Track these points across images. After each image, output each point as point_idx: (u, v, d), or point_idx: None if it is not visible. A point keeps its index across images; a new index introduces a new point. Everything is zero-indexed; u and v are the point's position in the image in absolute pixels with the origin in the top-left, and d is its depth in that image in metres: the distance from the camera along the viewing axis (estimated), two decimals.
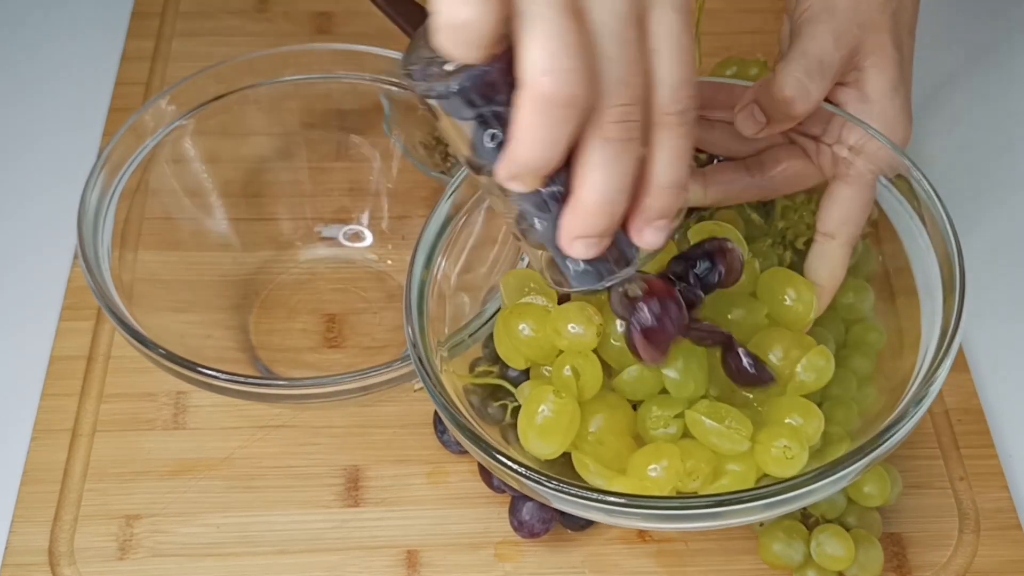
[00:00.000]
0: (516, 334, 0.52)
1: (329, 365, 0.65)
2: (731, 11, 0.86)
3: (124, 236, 0.60)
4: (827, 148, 0.56)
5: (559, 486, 0.46)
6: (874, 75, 0.56)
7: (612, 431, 0.51)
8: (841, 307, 0.61)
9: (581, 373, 0.51)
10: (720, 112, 0.58)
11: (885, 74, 0.56)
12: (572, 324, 0.50)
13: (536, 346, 0.52)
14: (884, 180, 0.56)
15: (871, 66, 0.56)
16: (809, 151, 0.58)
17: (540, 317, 0.52)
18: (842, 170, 0.56)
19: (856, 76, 0.56)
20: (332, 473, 0.62)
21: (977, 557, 0.60)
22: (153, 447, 0.62)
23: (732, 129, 0.57)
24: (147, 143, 0.61)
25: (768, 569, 0.59)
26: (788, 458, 0.50)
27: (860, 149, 0.55)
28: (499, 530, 0.59)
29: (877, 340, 0.61)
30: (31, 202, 0.74)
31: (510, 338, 0.53)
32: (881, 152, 0.55)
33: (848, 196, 0.56)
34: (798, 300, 0.55)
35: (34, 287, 0.69)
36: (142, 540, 0.59)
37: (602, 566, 0.59)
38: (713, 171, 0.58)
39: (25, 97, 0.80)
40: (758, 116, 0.54)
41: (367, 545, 0.59)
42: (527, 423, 0.50)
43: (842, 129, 0.56)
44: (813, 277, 0.56)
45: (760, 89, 0.54)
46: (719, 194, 0.58)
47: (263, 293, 0.68)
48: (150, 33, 0.82)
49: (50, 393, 0.64)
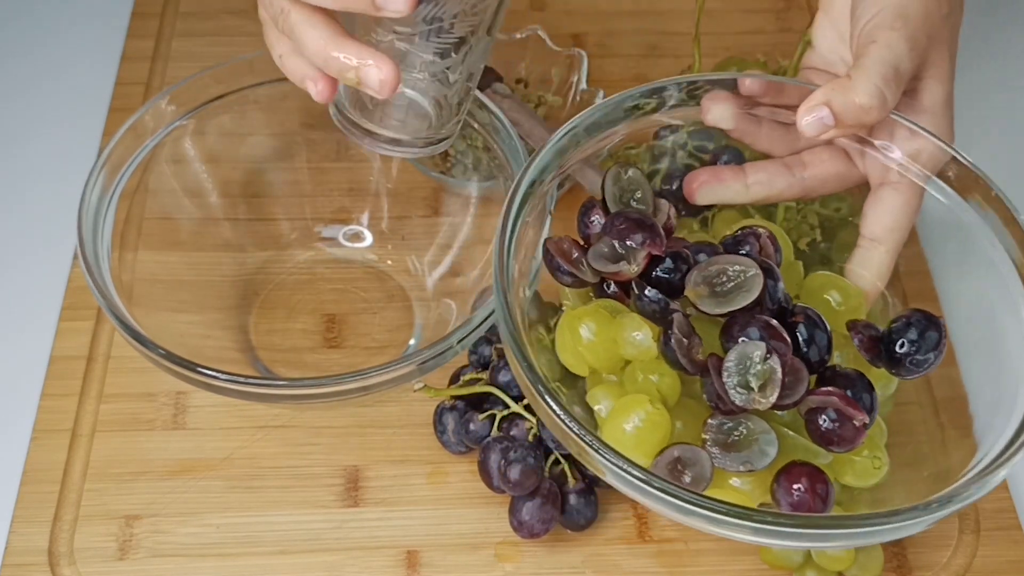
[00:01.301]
0: (580, 339, 0.52)
1: (329, 365, 0.65)
2: (731, 11, 0.86)
3: (124, 236, 0.60)
4: (876, 153, 0.57)
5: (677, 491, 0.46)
6: (932, 86, 0.56)
7: (695, 440, 0.51)
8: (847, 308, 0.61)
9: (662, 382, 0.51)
10: (765, 109, 0.58)
11: (943, 87, 0.56)
12: (635, 332, 0.51)
13: (598, 352, 0.52)
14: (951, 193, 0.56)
15: (930, 77, 0.56)
16: (851, 154, 0.58)
17: (605, 322, 0.52)
18: (892, 177, 0.56)
19: (913, 85, 0.56)
20: (332, 473, 0.62)
21: (977, 557, 0.60)
22: (153, 447, 0.62)
23: (777, 127, 0.57)
24: (147, 143, 0.61)
25: (768, 569, 0.59)
26: (876, 468, 0.51)
27: (916, 157, 0.56)
28: (499, 530, 0.59)
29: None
30: (31, 202, 0.74)
31: (575, 343, 0.52)
32: (937, 160, 0.56)
33: (899, 203, 0.56)
34: (844, 303, 0.55)
35: (34, 287, 0.69)
36: (142, 540, 0.59)
37: (602, 566, 0.59)
38: (753, 169, 0.58)
39: (25, 97, 0.80)
40: (827, 120, 0.53)
41: (367, 545, 0.59)
42: (616, 431, 0.50)
43: (892, 135, 0.56)
44: (857, 282, 0.57)
45: (832, 92, 0.53)
46: (760, 192, 0.58)
47: (263, 293, 0.68)
48: (150, 33, 0.82)
49: (50, 393, 0.64)
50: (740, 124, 0.59)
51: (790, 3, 0.87)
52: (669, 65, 0.81)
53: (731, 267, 0.52)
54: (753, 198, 0.58)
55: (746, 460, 0.49)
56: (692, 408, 0.52)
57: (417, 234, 0.68)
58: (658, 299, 0.51)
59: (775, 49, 0.77)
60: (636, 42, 0.84)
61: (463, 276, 0.66)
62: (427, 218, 0.69)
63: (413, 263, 0.68)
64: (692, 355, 0.50)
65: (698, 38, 0.68)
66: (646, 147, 0.72)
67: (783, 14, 0.86)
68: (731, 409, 0.49)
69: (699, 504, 0.45)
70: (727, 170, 0.58)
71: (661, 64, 0.82)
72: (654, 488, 0.46)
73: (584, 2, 0.86)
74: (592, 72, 0.78)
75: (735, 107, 0.58)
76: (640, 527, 0.60)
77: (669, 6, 0.86)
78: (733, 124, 0.58)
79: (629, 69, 0.82)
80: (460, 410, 0.61)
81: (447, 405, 0.61)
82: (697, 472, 0.49)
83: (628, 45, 0.83)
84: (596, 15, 0.85)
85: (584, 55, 0.75)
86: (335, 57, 0.49)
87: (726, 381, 0.49)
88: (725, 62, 0.76)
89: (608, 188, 0.56)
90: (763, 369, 0.48)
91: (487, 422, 0.59)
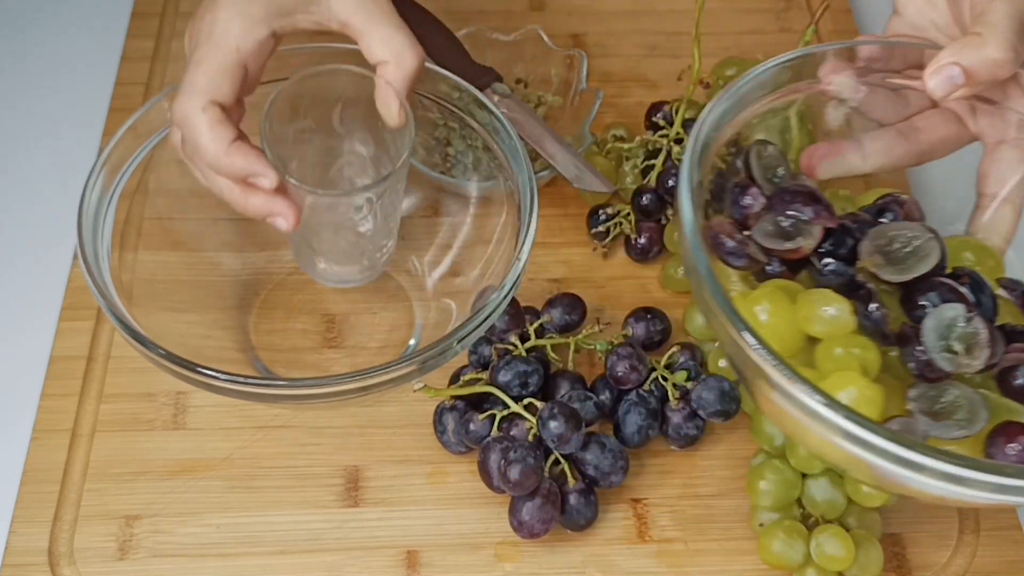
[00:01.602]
0: (758, 323, 0.51)
1: (329, 365, 0.65)
2: (731, 11, 0.86)
3: (124, 236, 0.60)
4: (988, 111, 0.57)
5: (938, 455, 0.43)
6: None
7: (898, 412, 0.50)
8: None
9: (864, 355, 0.50)
10: (877, 76, 0.59)
11: None
12: (827, 307, 0.50)
13: (779, 333, 0.51)
14: None
15: None
16: (962, 115, 0.58)
17: (782, 302, 0.51)
18: (1010, 134, 0.57)
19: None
20: (332, 473, 0.62)
21: (977, 557, 0.60)
22: (153, 447, 0.62)
23: (888, 93, 0.58)
24: (147, 143, 0.61)
25: (768, 569, 0.59)
26: None
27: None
28: (499, 530, 0.59)
29: None
30: (31, 202, 0.74)
31: (756, 327, 0.50)
32: None
33: (1018, 159, 0.56)
34: (980, 263, 0.55)
35: (34, 287, 0.69)
36: (142, 540, 0.59)
37: (602, 566, 0.59)
38: (869, 139, 0.59)
39: (25, 97, 0.80)
40: (957, 78, 0.53)
41: (367, 545, 0.59)
42: None
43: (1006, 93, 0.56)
44: (987, 241, 0.57)
45: (961, 50, 0.53)
46: (878, 161, 0.59)
47: (263, 293, 0.68)
48: (150, 33, 0.82)
49: (50, 393, 0.64)
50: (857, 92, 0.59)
51: (790, 3, 0.87)
52: (669, 65, 0.81)
53: (903, 234, 0.52)
54: (871, 167, 0.59)
55: (961, 426, 0.48)
56: (885, 381, 0.51)
57: (417, 234, 0.68)
58: (843, 271, 0.51)
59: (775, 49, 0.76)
60: (636, 42, 0.83)
61: (463, 276, 0.66)
62: (427, 218, 0.69)
63: (413, 263, 0.68)
64: (889, 325, 0.50)
65: (698, 38, 0.68)
66: (639, 142, 0.72)
67: (783, 14, 0.86)
68: (936, 376, 0.48)
69: (978, 467, 0.43)
70: (844, 143, 0.59)
71: (661, 64, 0.82)
72: (924, 454, 0.43)
73: (584, 2, 0.86)
74: (592, 72, 0.78)
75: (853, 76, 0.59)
76: (640, 527, 0.60)
77: (669, 6, 0.86)
78: (853, 92, 0.59)
79: (629, 69, 0.82)
80: (460, 410, 0.61)
81: (447, 405, 0.61)
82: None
83: (628, 45, 0.83)
84: (596, 15, 0.85)
85: (584, 55, 0.75)
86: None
87: (931, 347, 0.48)
88: (725, 62, 0.76)
89: (754, 166, 0.56)
90: (966, 332, 0.48)
91: (487, 422, 0.59)
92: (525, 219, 0.57)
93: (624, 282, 0.70)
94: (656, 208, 0.70)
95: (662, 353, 0.63)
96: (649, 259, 0.70)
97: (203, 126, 0.53)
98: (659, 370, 0.62)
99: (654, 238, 0.70)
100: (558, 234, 0.72)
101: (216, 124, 0.53)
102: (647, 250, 0.70)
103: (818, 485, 0.58)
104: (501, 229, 0.62)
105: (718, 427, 0.64)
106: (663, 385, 0.62)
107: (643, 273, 0.71)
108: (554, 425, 0.57)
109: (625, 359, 0.61)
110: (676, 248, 0.69)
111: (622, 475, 0.59)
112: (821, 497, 0.58)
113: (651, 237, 0.70)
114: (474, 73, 0.72)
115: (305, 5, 0.55)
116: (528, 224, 0.57)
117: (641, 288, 0.70)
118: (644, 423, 0.61)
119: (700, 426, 0.62)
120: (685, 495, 0.61)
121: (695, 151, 0.52)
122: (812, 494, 0.58)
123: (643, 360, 0.62)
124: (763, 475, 0.58)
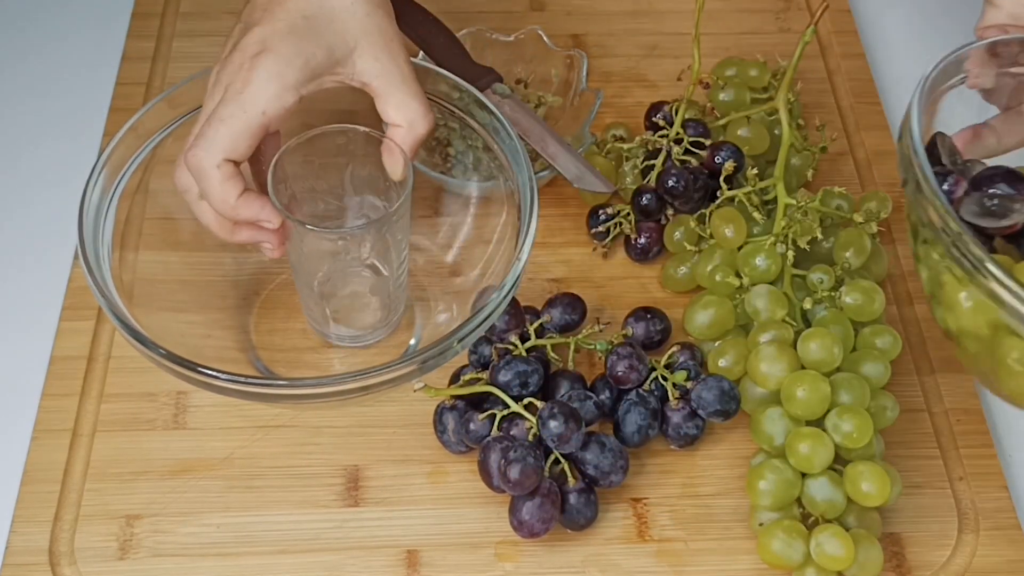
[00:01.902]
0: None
1: (329, 365, 0.65)
2: (731, 11, 0.86)
3: (124, 236, 0.60)
4: None
5: None
6: None
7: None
8: (849, 308, 0.61)
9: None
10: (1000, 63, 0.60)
11: None
12: None
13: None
14: None
15: None
16: None
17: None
18: None
19: None
20: (332, 473, 0.62)
21: (976, 557, 0.60)
22: (153, 447, 0.62)
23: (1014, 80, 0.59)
24: (148, 143, 0.61)
25: (768, 569, 0.59)
26: None
27: None
28: (499, 530, 0.59)
29: (892, 346, 0.61)
30: (31, 202, 0.74)
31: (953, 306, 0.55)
32: None
33: None
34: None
35: (34, 287, 0.69)
36: (142, 540, 0.59)
37: (602, 566, 0.59)
38: (1000, 123, 0.60)
39: (25, 97, 0.80)
40: None
41: (367, 545, 0.59)
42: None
43: None
44: None
45: None
46: (1012, 143, 0.60)
47: (263, 293, 0.68)
48: (150, 33, 0.82)
49: (50, 393, 0.64)
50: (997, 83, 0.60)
51: (790, 3, 0.87)
52: (669, 65, 0.81)
53: None
54: (1004, 149, 0.60)
55: None
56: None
57: (417, 234, 0.68)
58: None
59: (775, 49, 0.77)
60: (636, 42, 0.84)
61: (463, 276, 0.66)
62: (427, 218, 0.69)
63: (413, 263, 0.68)
64: None
65: (698, 38, 0.68)
66: (639, 142, 0.72)
67: (783, 14, 0.86)
68: None
69: None
70: (981, 128, 0.60)
71: (661, 64, 0.82)
72: None
73: (584, 2, 0.86)
74: (592, 72, 0.78)
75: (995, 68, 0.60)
76: (640, 527, 0.60)
77: (669, 6, 0.86)
78: (993, 83, 0.60)
79: (629, 69, 0.82)
80: (460, 410, 0.61)
81: (447, 405, 0.61)
82: None
83: (628, 45, 0.83)
84: (596, 15, 0.85)
85: (584, 55, 0.75)
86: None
87: None
88: (725, 62, 0.76)
89: (943, 154, 0.57)
90: None
91: (487, 422, 0.59)
92: (525, 219, 0.57)
93: (624, 282, 0.70)
94: (656, 208, 0.70)
95: (662, 353, 0.63)
96: (649, 259, 0.71)
97: (215, 181, 0.55)
98: (659, 370, 0.62)
99: (654, 238, 0.70)
100: (558, 234, 0.72)
101: (227, 180, 0.55)
102: (647, 250, 0.70)
103: (818, 485, 0.58)
104: (501, 229, 0.62)
105: (718, 427, 0.64)
106: (663, 385, 0.62)
107: (643, 273, 0.71)
108: (554, 425, 0.57)
109: (625, 359, 0.61)
110: (676, 248, 0.69)
111: (622, 475, 0.59)
112: (821, 497, 0.58)
113: (651, 237, 0.70)
114: (474, 73, 0.72)
115: (332, 67, 0.56)
116: (528, 224, 0.57)
117: (641, 288, 0.70)
118: (644, 423, 0.61)
119: (700, 426, 0.62)
120: (685, 495, 0.62)
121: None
122: (812, 494, 0.58)
123: (643, 360, 0.62)
124: (763, 475, 0.58)
